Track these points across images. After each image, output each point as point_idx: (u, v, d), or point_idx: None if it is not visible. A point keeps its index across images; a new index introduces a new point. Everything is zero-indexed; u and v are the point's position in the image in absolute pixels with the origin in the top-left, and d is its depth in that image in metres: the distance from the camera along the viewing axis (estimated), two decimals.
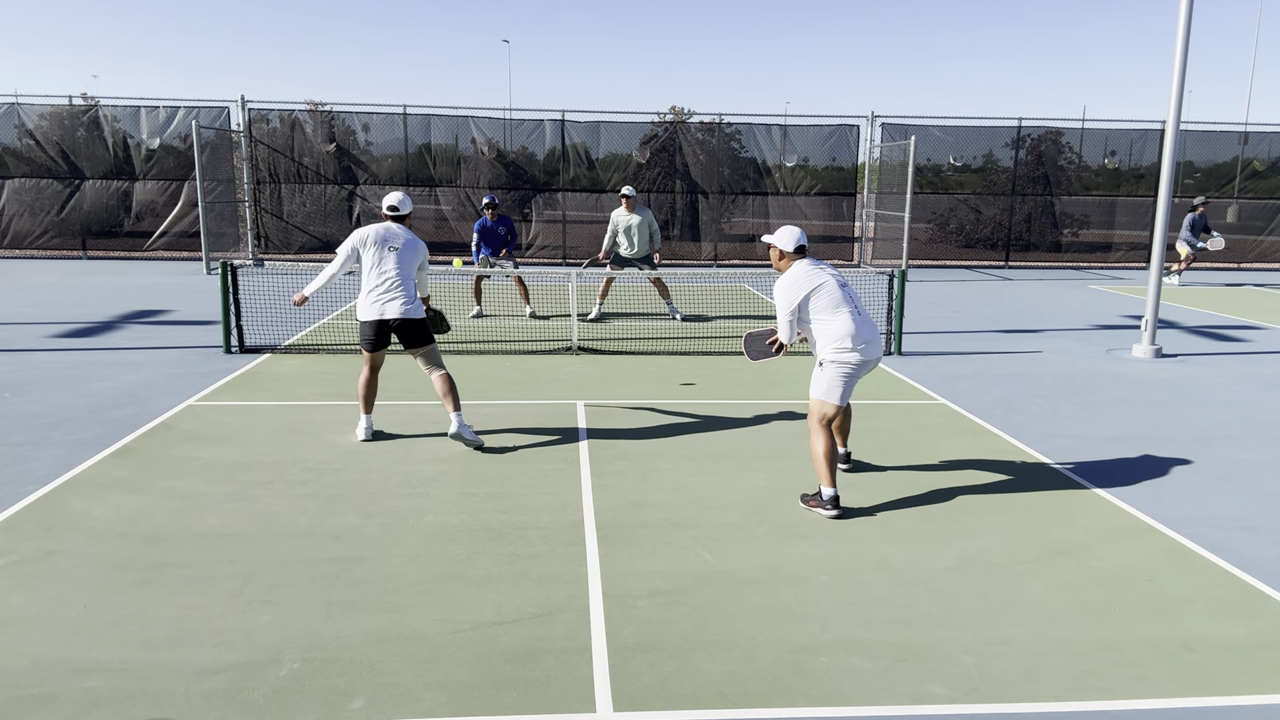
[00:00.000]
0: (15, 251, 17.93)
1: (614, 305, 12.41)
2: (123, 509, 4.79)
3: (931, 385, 8.03)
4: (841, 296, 4.89)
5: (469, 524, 4.69)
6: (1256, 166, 19.97)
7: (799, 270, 4.94)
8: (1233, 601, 3.99)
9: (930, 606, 3.89)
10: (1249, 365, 9.24)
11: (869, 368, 4.96)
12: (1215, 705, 3.19)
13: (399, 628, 3.62)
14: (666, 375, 8.26)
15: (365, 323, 5.95)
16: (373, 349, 6.02)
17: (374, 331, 5.95)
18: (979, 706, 3.16)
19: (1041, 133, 19.54)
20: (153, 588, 3.92)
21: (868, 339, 4.88)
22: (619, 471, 5.55)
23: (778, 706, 3.15)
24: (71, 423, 6.35)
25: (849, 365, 4.86)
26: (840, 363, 4.85)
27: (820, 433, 4.91)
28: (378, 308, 5.90)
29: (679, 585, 4.05)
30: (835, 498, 4.86)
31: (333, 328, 10.43)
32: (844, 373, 4.88)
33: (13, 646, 3.42)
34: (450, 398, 5.96)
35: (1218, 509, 5.11)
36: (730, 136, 19.20)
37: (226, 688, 3.19)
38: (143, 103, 17.92)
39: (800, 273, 4.92)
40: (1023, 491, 5.34)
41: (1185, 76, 9.00)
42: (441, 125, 18.52)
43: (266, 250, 18.24)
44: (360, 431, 6.14)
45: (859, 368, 4.90)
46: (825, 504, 4.86)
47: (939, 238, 19.92)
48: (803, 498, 5.05)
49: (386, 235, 6.02)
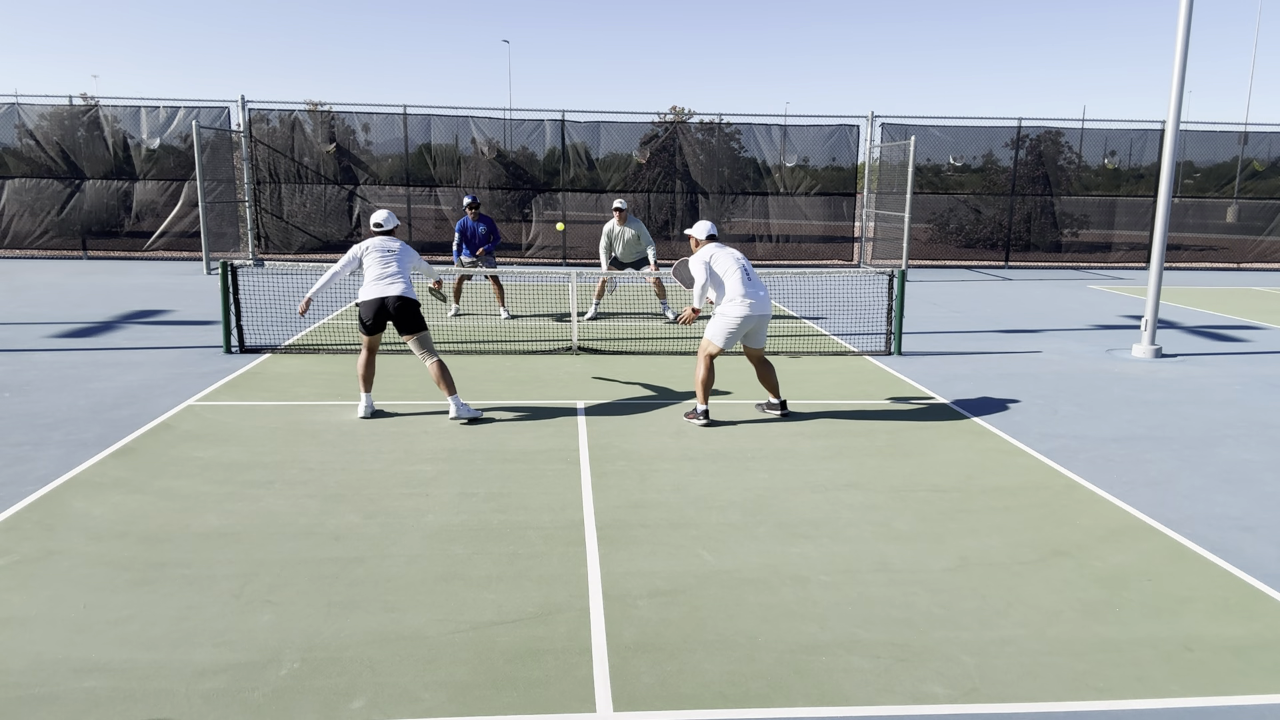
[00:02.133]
0: (15, 251, 17.94)
1: (614, 305, 12.42)
2: (123, 509, 4.79)
3: (931, 385, 8.03)
4: (736, 265, 6.56)
5: (469, 524, 4.69)
6: (1256, 166, 19.97)
7: (708, 249, 6.70)
8: (1233, 601, 3.99)
9: (930, 606, 3.89)
10: (1249, 365, 9.24)
11: (753, 321, 6.50)
12: (1215, 705, 3.19)
13: (399, 628, 3.62)
14: (666, 375, 8.26)
15: (365, 303, 6.52)
16: (369, 331, 6.59)
17: (373, 313, 6.51)
18: (979, 706, 3.17)
19: (1041, 133, 19.54)
20: (153, 588, 3.92)
21: (754, 297, 6.48)
22: (619, 471, 5.56)
23: (778, 706, 3.15)
24: (71, 423, 6.35)
25: (736, 317, 6.45)
26: (727, 315, 6.48)
27: (704, 363, 6.58)
28: (379, 289, 6.52)
29: (679, 585, 4.05)
30: (705, 412, 6.61)
31: (333, 328, 10.43)
32: (729, 324, 6.48)
33: (13, 646, 3.42)
34: (444, 383, 6.56)
35: (1218, 509, 5.11)
36: (730, 136, 19.21)
37: (226, 688, 3.19)
38: (143, 103, 17.93)
39: (708, 250, 6.69)
40: (1023, 491, 5.34)
41: (1185, 76, 9.01)
42: (441, 125, 18.53)
43: (266, 250, 18.25)
44: (361, 409, 6.66)
45: (744, 320, 6.45)
46: (698, 416, 6.61)
47: (939, 238, 19.93)
48: (685, 414, 6.76)
49: (384, 245, 6.76)
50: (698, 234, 6.84)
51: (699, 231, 6.84)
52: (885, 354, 9.39)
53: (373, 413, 6.67)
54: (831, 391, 7.78)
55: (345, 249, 18.45)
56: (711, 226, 6.85)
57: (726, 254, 6.66)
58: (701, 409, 6.60)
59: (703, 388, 6.57)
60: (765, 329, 6.67)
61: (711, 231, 6.82)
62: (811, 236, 19.49)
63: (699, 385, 6.58)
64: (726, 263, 6.59)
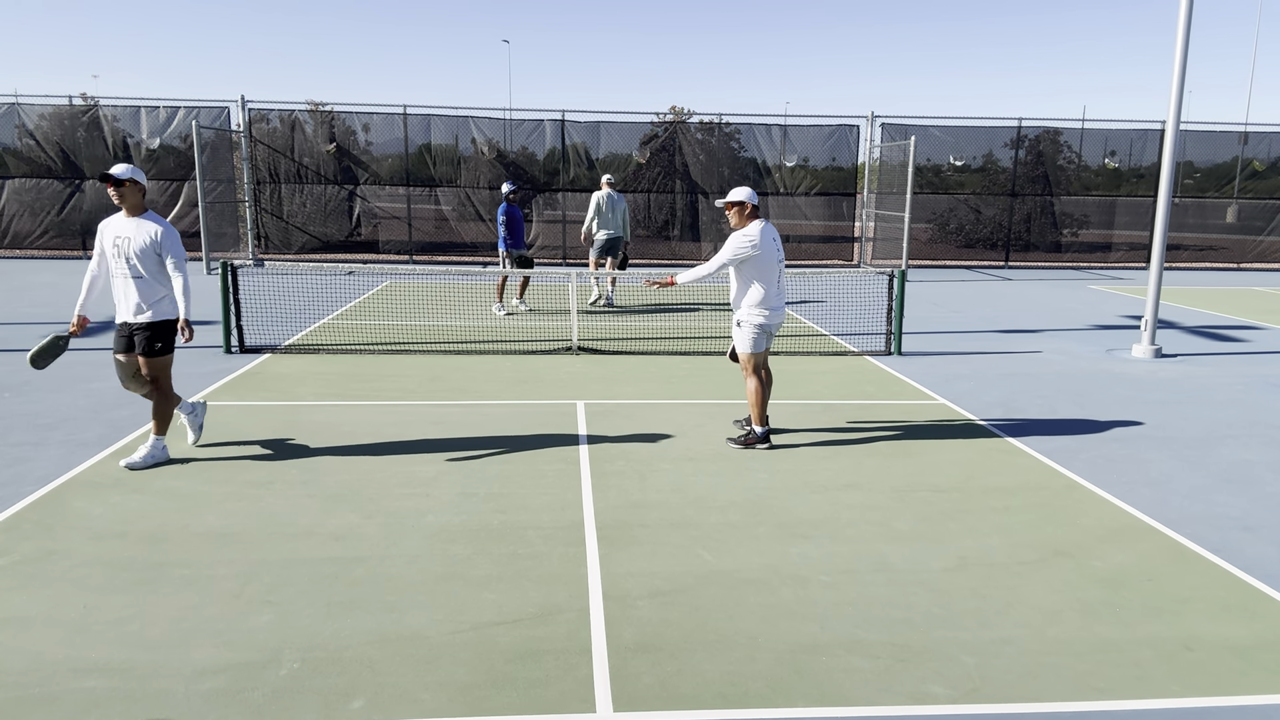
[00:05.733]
0: (15, 251, 17.94)
1: (615, 305, 12.41)
2: (123, 509, 4.79)
3: (931, 385, 8.03)
4: (776, 269, 5.90)
5: (469, 524, 4.69)
6: (1256, 166, 19.97)
7: (755, 230, 5.82)
8: (1233, 601, 3.98)
9: (930, 606, 3.89)
10: (1249, 365, 9.24)
11: (767, 329, 5.95)
12: (1215, 705, 3.19)
13: (399, 628, 3.62)
14: (666, 375, 8.26)
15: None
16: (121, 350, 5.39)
17: (120, 333, 5.40)
18: (979, 706, 3.16)
19: (1041, 133, 19.54)
20: (153, 588, 3.92)
21: (775, 307, 5.91)
22: (619, 471, 5.55)
23: (778, 706, 3.14)
24: (71, 423, 6.35)
25: (755, 325, 5.91)
26: (748, 323, 5.91)
27: (754, 377, 6.01)
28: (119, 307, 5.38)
29: (679, 585, 4.05)
30: (766, 435, 6.04)
31: (333, 328, 10.43)
32: (752, 331, 5.93)
33: (13, 646, 3.42)
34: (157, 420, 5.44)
35: (1218, 509, 5.11)
36: (730, 136, 19.21)
37: (226, 688, 3.19)
38: (143, 103, 17.92)
39: (755, 233, 5.80)
40: (1022, 491, 5.34)
41: (1185, 76, 9.01)
42: (441, 125, 18.52)
43: (266, 250, 18.24)
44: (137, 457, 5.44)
45: (761, 328, 5.92)
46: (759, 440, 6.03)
47: (939, 238, 19.92)
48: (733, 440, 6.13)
49: (116, 228, 5.32)
50: (752, 199, 5.87)
51: (751, 197, 5.88)
52: (885, 354, 9.39)
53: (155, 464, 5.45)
54: (831, 391, 7.77)
55: (345, 249, 18.53)
56: (754, 194, 5.95)
57: (771, 249, 5.85)
58: (760, 431, 6.00)
59: (760, 404, 5.96)
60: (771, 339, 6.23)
61: (755, 200, 5.94)
62: (811, 236, 19.49)
63: (755, 403, 5.95)
64: (768, 263, 5.84)
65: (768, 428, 6.08)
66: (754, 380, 5.98)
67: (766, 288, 5.85)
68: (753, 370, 5.99)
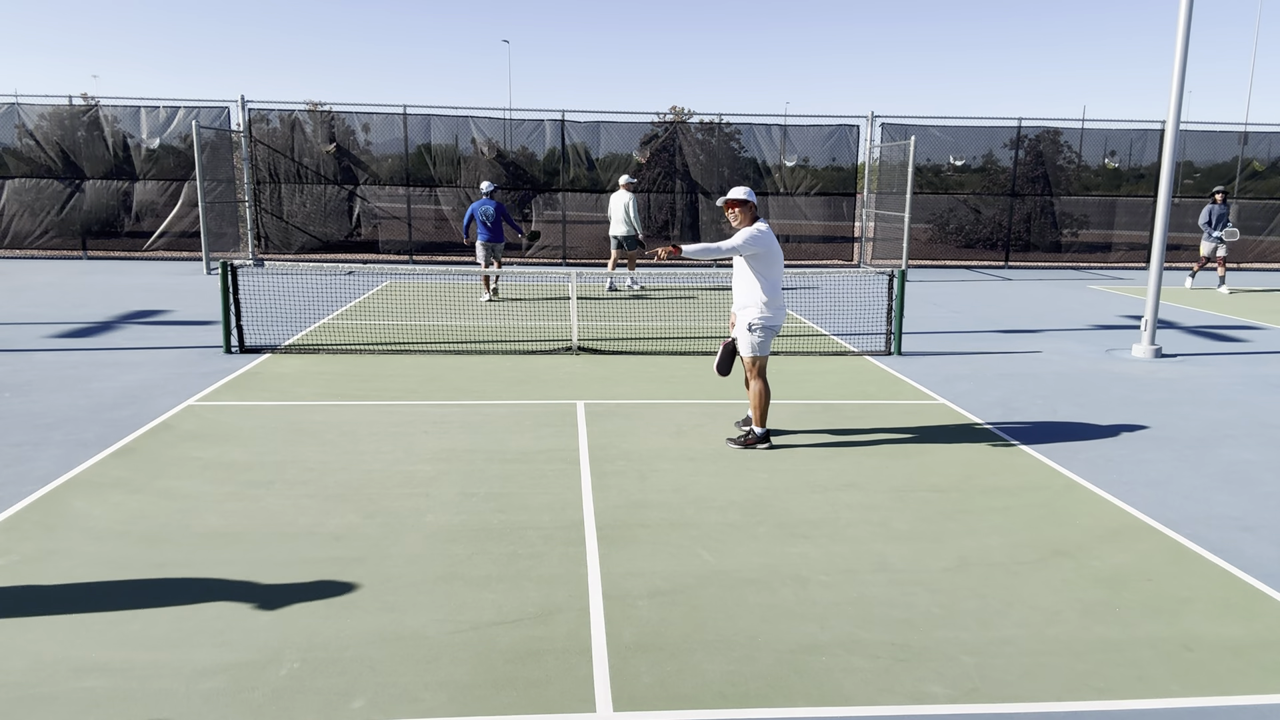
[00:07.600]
0: (15, 251, 17.93)
1: (614, 305, 12.42)
2: (123, 509, 4.79)
3: (931, 385, 8.03)
4: (780, 269, 5.97)
5: (469, 524, 4.69)
6: (1256, 166, 19.97)
7: (760, 231, 5.84)
8: (1233, 601, 3.99)
9: (930, 606, 3.89)
10: (1249, 365, 9.24)
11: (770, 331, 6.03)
12: (1215, 705, 3.19)
13: (399, 628, 3.62)
14: (666, 375, 8.26)
15: None
16: None
17: None
18: (979, 706, 3.17)
19: (1041, 133, 19.54)
20: (153, 588, 3.92)
21: (777, 309, 5.96)
22: (619, 471, 5.55)
23: (778, 706, 3.15)
24: (72, 423, 6.35)
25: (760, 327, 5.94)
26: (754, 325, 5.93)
27: (760, 379, 6.05)
28: None
29: (679, 585, 4.05)
30: (766, 435, 6.12)
31: (333, 328, 10.44)
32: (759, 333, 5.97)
33: (13, 646, 3.42)
34: None
35: (1218, 509, 5.11)
36: (730, 136, 19.20)
37: (226, 688, 3.19)
38: (143, 103, 17.92)
39: (761, 234, 5.84)
40: (1022, 491, 5.34)
41: (1185, 77, 9.01)
42: (441, 125, 18.52)
43: (266, 250, 18.24)
44: None
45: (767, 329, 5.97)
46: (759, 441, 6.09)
47: (939, 238, 19.92)
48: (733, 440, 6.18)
49: None
50: (752, 198, 5.90)
51: (750, 195, 5.90)
52: (885, 354, 9.39)
53: None
54: (831, 391, 7.78)
55: (345, 249, 18.53)
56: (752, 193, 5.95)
57: (778, 249, 5.95)
58: (761, 431, 6.08)
59: (765, 407, 6.04)
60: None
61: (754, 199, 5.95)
62: (811, 236, 19.49)
63: (761, 406, 6.01)
64: (777, 262, 5.94)
65: (767, 428, 6.12)
66: (762, 382, 6.03)
67: (775, 287, 5.94)
68: (758, 373, 6.04)
